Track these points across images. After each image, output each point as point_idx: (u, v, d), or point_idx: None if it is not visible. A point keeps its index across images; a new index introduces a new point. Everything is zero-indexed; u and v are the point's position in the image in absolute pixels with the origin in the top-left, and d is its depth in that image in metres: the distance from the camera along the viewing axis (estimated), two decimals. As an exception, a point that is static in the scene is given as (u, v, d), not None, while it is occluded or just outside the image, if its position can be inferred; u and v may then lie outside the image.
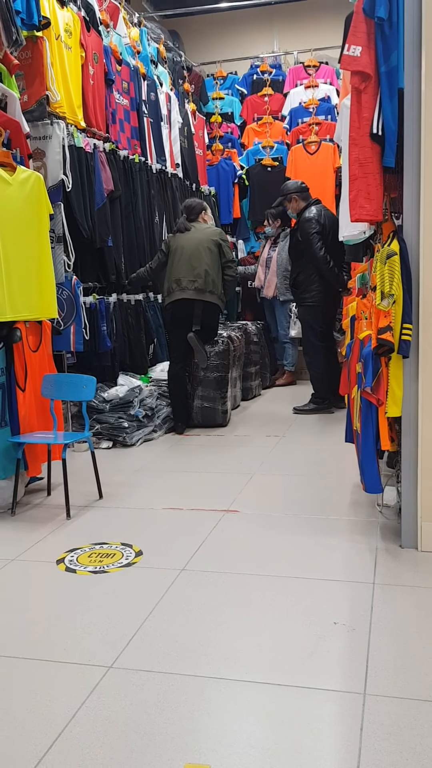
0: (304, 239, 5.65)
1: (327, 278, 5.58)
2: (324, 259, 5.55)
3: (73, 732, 1.78)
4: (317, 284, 5.65)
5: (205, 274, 5.07)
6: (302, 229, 5.68)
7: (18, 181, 3.63)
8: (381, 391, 2.77)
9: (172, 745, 1.71)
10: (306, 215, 5.69)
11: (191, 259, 5.09)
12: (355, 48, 2.61)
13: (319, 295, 5.67)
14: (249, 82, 8.24)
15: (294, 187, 5.88)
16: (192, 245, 5.13)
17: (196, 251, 5.10)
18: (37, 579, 2.74)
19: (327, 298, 5.68)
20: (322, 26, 7.90)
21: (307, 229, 5.62)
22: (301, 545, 2.97)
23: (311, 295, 5.71)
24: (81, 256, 4.97)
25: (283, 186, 6.07)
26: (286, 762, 1.65)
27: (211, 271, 5.10)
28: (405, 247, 2.71)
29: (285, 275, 6.87)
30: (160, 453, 4.71)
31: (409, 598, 2.46)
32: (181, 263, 5.11)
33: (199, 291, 5.07)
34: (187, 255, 5.10)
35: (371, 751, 1.67)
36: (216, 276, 5.14)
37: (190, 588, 2.59)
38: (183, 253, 5.12)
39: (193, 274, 5.07)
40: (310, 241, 5.59)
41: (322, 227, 5.58)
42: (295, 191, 5.83)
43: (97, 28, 5.32)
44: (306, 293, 5.74)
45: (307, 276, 5.70)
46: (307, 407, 5.78)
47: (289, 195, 5.86)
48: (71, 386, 3.76)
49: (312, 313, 5.73)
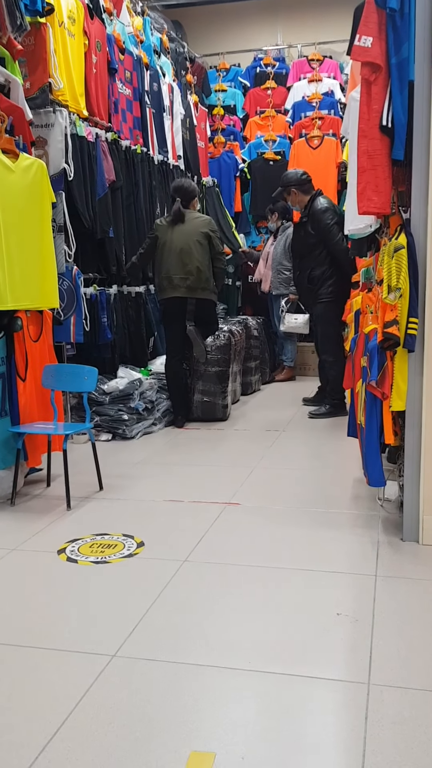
0: (321, 231, 5.29)
1: (346, 271, 5.16)
2: (348, 251, 4.99)
3: (77, 720, 1.77)
4: (336, 278, 5.34)
5: (197, 271, 4.99)
6: (318, 220, 5.31)
7: (21, 168, 3.60)
8: (386, 385, 2.77)
9: (176, 734, 1.71)
10: (319, 206, 5.32)
11: (182, 255, 4.98)
12: (366, 38, 2.60)
13: (337, 290, 5.33)
14: (252, 75, 8.21)
15: (294, 180, 5.49)
16: (181, 239, 5.00)
17: (186, 246, 4.98)
18: (39, 569, 2.73)
19: (344, 292, 5.18)
20: (327, 20, 7.87)
21: (326, 221, 5.26)
22: (303, 538, 2.97)
23: (329, 291, 5.37)
24: (82, 246, 4.94)
25: (283, 176, 5.67)
26: (292, 750, 1.65)
27: (203, 267, 5.01)
28: (412, 241, 2.70)
29: (279, 269, 6.84)
30: (160, 446, 4.70)
31: (411, 591, 2.46)
32: (170, 258, 5.00)
33: (191, 289, 5.02)
34: (177, 249, 4.99)
35: (376, 740, 1.67)
36: (208, 271, 5.04)
37: (192, 579, 2.59)
38: (172, 247, 5.00)
39: (184, 271, 4.98)
40: (329, 231, 5.25)
41: (339, 217, 5.19)
42: (295, 184, 5.46)
43: (101, 16, 5.28)
44: (323, 288, 5.40)
45: (323, 271, 5.38)
46: (321, 410, 5.44)
47: (288, 188, 5.51)
48: (72, 377, 3.75)
49: (333, 309, 5.34)
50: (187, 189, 5.18)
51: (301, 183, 5.46)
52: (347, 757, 1.63)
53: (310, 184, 5.49)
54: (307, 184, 5.48)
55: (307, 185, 5.48)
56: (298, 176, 5.50)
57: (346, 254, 5.09)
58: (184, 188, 5.18)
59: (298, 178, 5.49)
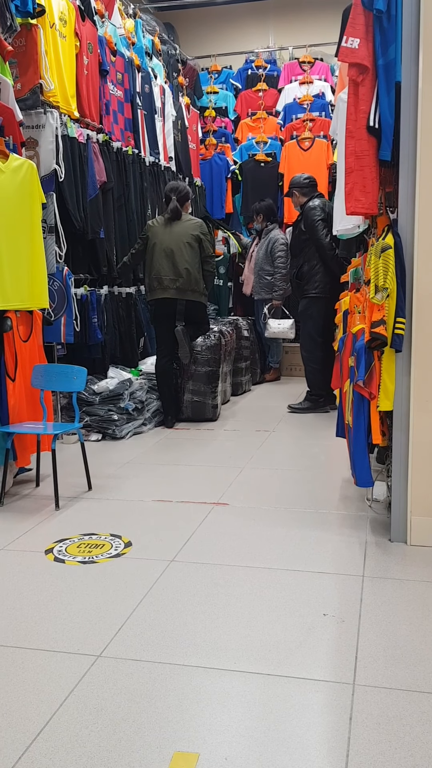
0: (308, 227, 5.53)
1: (330, 266, 5.44)
2: (330, 246, 5.41)
3: (61, 720, 1.77)
4: (321, 274, 5.52)
5: (187, 273, 5.01)
6: (306, 216, 5.56)
7: (10, 168, 3.60)
8: (373, 385, 2.78)
9: (161, 734, 1.71)
10: (310, 204, 5.59)
11: (173, 256, 4.99)
12: (353, 40, 2.61)
13: (323, 286, 5.52)
14: (243, 77, 8.22)
15: (296, 183, 5.77)
16: (172, 240, 5.02)
17: (177, 248, 5.01)
18: (26, 569, 2.72)
19: (332, 289, 5.41)
20: (318, 22, 7.90)
21: (312, 216, 5.51)
22: (291, 538, 2.97)
23: (315, 286, 5.56)
24: (72, 247, 4.94)
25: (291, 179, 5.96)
26: (275, 751, 1.64)
27: (192, 269, 5.03)
28: (399, 241, 2.71)
29: (260, 274, 6.81)
30: (150, 446, 4.69)
31: (398, 591, 2.47)
32: (160, 259, 5.01)
33: (181, 290, 5.03)
34: (168, 251, 5.00)
35: (360, 740, 1.68)
36: (197, 273, 5.08)
37: (179, 579, 2.58)
38: (163, 249, 5.01)
39: (174, 273, 5.00)
40: (314, 227, 5.47)
41: (327, 215, 5.44)
42: (296, 187, 5.74)
43: (92, 17, 5.28)
44: (309, 284, 5.60)
45: (311, 266, 5.57)
46: (302, 406, 5.70)
47: (291, 190, 5.79)
48: (62, 377, 3.74)
49: (316, 304, 5.58)
50: (181, 191, 5.21)
51: (301, 186, 5.76)
52: (331, 757, 1.63)
53: (311, 188, 5.77)
54: (308, 188, 5.76)
55: (307, 189, 5.75)
56: (301, 180, 5.82)
57: (330, 249, 5.41)
58: (179, 190, 5.21)
59: (299, 182, 5.80)
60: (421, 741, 1.67)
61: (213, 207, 7.96)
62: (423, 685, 1.89)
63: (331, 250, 5.43)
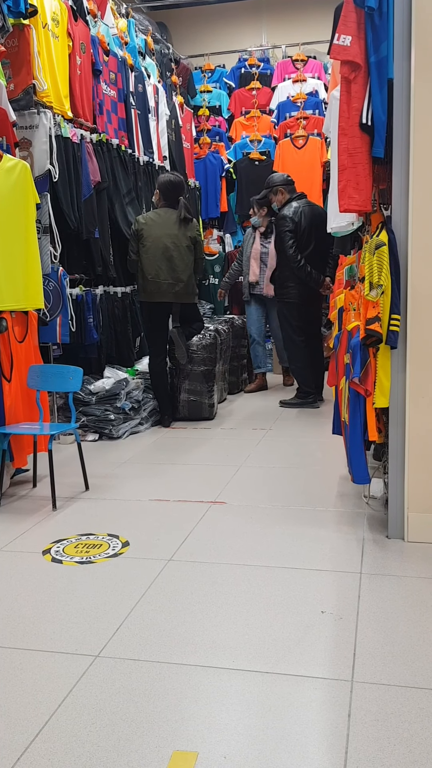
0: (276, 237, 5.71)
1: (298, 276, 5.56)
2: (294, 258, 5.52)
3: (60, 720, 1.77)
4: (293, 281, 5.63)
5: (187, 278, 5.03)
6: (276, 225, 5.71)
7: (4, 169, 3.59)
8: (369, 382, 2.78)
9: (159, 733, 1.71)
10: (281, 213, 5.68)
11: (172, 260, 4.97)
12: (345, 37, 2.61)
13: (295, 292, 5.63)
14: (237, 76, 8.21)
15: (280, 180, 5.84)
16: (169, 240, 4.97)
17: (176, 251, 4.98)
18: (23, 569, 2.72)
19: (304, 296, 5.63)
20: (311, 20, 7.90)
21: (280, 227, 5.62)
22: (288, 536, 2.97)
23: (286, 292, 5.69)
24: (67, 247, 4.93)
25: (268, 179, 6.00)
26: (274, 748, 1.65)
27: (191, 274, 5.08)
28: (394, 238, 2.71)
29: None
30: (147, 445, 4.69)
31: (395, 588, 2.47)
32: (159, 261, 4.95)
33: (179, 295, 5.05)
34: (167, 252, 4.97)
35: (359, 737, 1.68)
36: (194, 277, 5.14)
37: (177, 578, 2.58)
38: (159, 247, 4.96)
39: (173, 278, 4.98)
40: (282, 239, 5.60)
41: (296, 225, 5.54)
42: (282, 184, 5.80)
43: (85, 17, 5.27)
44: (283, 289, 5.73)
45: (282, 272, 5.72)
46: (292, 400, 5.80)
47: (276, 188, 5.81)
48: (58, 377, 3.73)
49: (288, 309, 5.71)
50: (180, 185, 5.13)
51: (287, 183, 5.85)
52: (330, 754, 1.63)
53: (293, 186, 5.88)
54: (292, 185, 5.87)
55: (291, 186, 5.86)
56: (284, 177, 5.90)
57: (295, 261, 5.53)
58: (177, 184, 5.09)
59: (284, 179, 5.87)
60: (419, 737, 1.67)
61: (208, 206, 7.95)
62: (421, 682, 1.90)
63: (296, 262, 5.54)
